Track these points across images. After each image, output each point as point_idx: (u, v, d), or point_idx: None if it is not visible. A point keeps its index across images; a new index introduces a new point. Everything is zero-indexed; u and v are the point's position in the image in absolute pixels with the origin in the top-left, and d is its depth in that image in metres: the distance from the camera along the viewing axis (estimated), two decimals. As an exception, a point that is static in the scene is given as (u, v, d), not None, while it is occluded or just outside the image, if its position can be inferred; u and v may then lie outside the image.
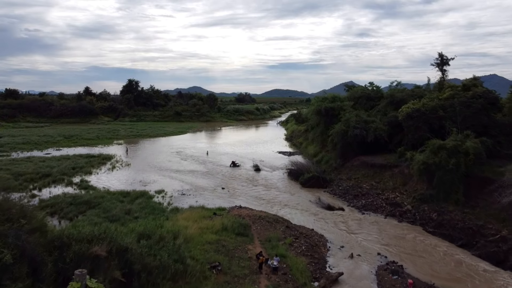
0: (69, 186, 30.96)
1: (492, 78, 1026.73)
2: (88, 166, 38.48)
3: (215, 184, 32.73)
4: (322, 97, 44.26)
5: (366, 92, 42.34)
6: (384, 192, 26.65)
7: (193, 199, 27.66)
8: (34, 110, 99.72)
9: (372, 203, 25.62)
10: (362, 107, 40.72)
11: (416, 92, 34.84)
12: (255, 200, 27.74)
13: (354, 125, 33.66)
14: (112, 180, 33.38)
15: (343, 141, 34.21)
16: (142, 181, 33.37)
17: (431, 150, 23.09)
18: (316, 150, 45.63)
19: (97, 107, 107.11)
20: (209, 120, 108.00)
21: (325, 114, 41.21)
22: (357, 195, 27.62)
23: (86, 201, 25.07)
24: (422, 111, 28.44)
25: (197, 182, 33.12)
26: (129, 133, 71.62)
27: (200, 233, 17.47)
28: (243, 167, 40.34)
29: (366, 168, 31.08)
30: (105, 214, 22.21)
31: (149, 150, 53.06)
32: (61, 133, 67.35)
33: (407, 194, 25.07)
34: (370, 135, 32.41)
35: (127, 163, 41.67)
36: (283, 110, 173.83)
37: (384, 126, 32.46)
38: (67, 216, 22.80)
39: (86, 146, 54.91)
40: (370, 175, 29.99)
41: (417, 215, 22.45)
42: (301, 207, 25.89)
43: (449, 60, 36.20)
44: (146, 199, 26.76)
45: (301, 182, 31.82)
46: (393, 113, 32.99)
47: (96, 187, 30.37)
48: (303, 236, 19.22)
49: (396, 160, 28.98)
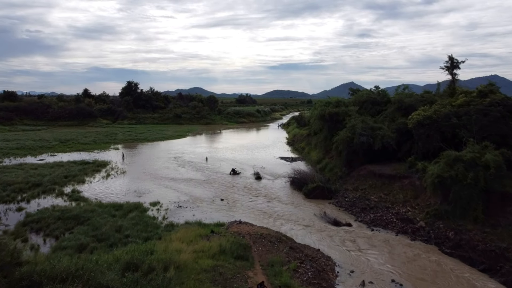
0: (59, 197, 29.31)
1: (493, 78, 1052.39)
2: (81, 174, 36.85)
3: (214, 194, 31.06)
4: (326, 101, 42.51)
5: (371, 96, 40.55)
6: (394, 206, 24.90)
7: (190, 212, 25.98)
8: (32, 113, 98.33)
9: (381, 217, 23.87)
10: (368, 112, 38.98)
11: (426, 98, 32.97)
12: (256, 213, 26.05)
13: (360, 132, 31.91)
14: (106, 190, 31.73)
15: (349, 149, 32.47)
16: (137, 191, 31.71)
17: (446, 162, 21.31)
18: (319, 156, 43.95)
19: (95, 109, 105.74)
20: (209, 123, 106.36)
21: (329, 119, 39.54)
22: (364, 208, 25.89)
23: (75, 216, 23.40)
24: (433, 118, 26.66)
25: (195, 192, 31.44)
26: (127, 136, 70.01)
27: (195, 258, 15.75)
28: (243, 175, 38.66)
29: (373, 178, 29.35)
30: (94, 232, 20.51)
31: (146, 156, 51.41)
32: (57, 137, 65.76)
33: (419, 208, 23.32)
34: (377, 142, 30.66)
35: (123, 170, 40.02)
36: (284, 112, 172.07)
37: (392, 134, 30.70)
38: (53, 233, 21.11)
39: (82, 151, 53.30)
40: (378, 186, 28.25)
41: (432, 233, 20.69)
42: (305, 222, 24.17)
43: (459, 63, 34.44)
44: (140, 213, 25.08)
45: (305, 192, 30.11)
46: (401, 120, 31.20)
47: (87, 199, 28.72)
48: (308, 259, 17.50)
49: (406, 171, 27.23)
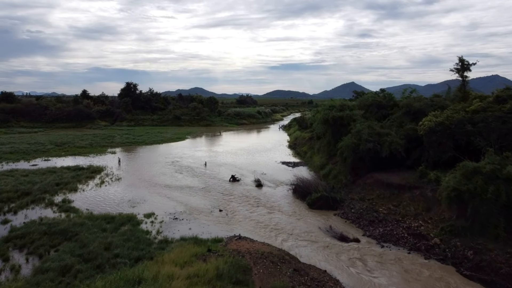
0: (49, 207, 27.73)
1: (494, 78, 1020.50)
2: (74, 181, 35.22)
3: (212, 204, 29.43)
4: (329, 105, 40.83)
5: (377, 99, 38.88)
6: (405, 219, 23.23)
7: (186, 225, 24.34)
8: (29, 115, 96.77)
9: (391, 232, 22.21)
10: (373, 116, 37.35)
11: (436, 102, 31.25)
12: (257, 226, 24.41)
13: (366, 138, 30.26)
14: (98, 199, 30.12)
15: (354, 156, 30.80)
16: (132, 200, 30.09)
17: (463, 174, 19.63)
18: (322, 162, 42.31)
19: (94, 111, 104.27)
20: (209, 125, 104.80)
21: (333, 123, 37.87)
22: (373, 221, 24.23)
23: (62, 231, 21.77)
24: (446, 125, 25.00)
25: (192, 202, 29.81)
26: (124, 140, 68.36)
27: (189, 286, 14.15)
28: (243, 182, 37.03)
29: (381, 188, 27.68)
30: (81, 250, 18.87)
31: (143, 160, 49.79)
32: (53, 140, 64.23)
33: (433, 223, 21.65)
34: (385, 149, 29.00)
35: (118, 177, 38.40)
36: (285, 113, 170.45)
37: (400, 140, 29.06)
38: (37, 251, 19.48)
39: (77, 156, 51.70)
40: (387, 197, 26.58)
41: (448, 251, 19.03)
42: (309, 237, 22.52)
43: (470, 65, 32.77)
44: (133, 226, 23.46)
45: (308, 203, 28.46)
46: (410, 125, 29.54)
47: (78, 209, 27.11)
48: (315, 284, 15.87)
49: (416, 181, 25.58)
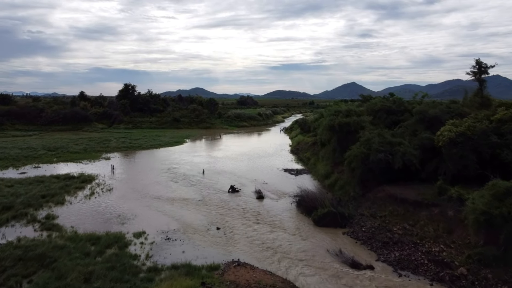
0: (30, 224, 25.38)
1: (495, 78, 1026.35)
2: (61, 193, 32.83)
3: (209, 220, 27.03)
4: (335, 110, 38.37)
5: (386, 104, 36.45)
6: (424, 242, 20.78)
7: (179, 247, 21.93)
8: (24, 117, 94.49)
9: (409, 257, 19.76)
10: (382, 123, 34.93)
11: (453, 108, 28.80)
12: (258, 248, 21.98)
13: (377, 147, 27.83)
14: (86, 215, 27.73)
15: (364, 167, 28.39)
16: (121, 215, 27.70)
17: (493, 195, 17.22)
18: (327, 170, 39.85)
19: (91, 113, 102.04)
20: (208, 127, 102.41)
21: (339, 130, 35.43)
22: (386, 242, 21.78)
23: (39, 256, 19.36)
24: (468, 135, 22.60)
25: (187, 218, 27.40)
26: (120, 144, 65.89)
27: None
28: (243, 193, 34.63)
29: (394, 204, 25.24)
30: (56, 283, 16.47)
31: (137, 167, 47.40)
32: (46, 145, 61.93)
33: (457, 248, 19.21)
34: (398, 160, 26.55)
35: (109, 187, 36.01)
36: (286, 114, 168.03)
37: (414, 150, 26.63)
38: (7, 282, 17.04)
39: (70, 162, 49.36)
40: (401, 214, 24.13)
41: (477, 284, 16.59)
42: (317, 262, 20.09)
43: (488, 67, 30.34)
44: (119, 250, 21.06)
45: (314, 219, 26.03)
46: (425, 134, 27.13)
47: (62, 227, 24.76)
48: (326, 331, 13.46)
49: (434, 197, 23.15)
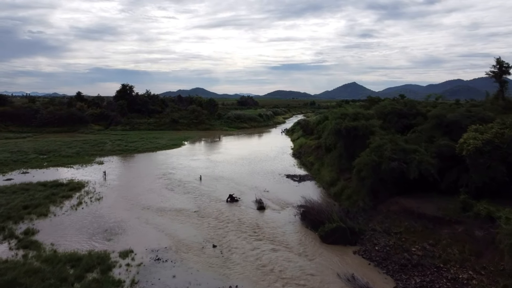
0: (7, 240, 22.89)
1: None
2: (46, 203, 30.33)
3: (205, 235, 24.51)
4: (341, 113, 35.76)
5: (396, 107, 33.84)
6: (448, 266, 18.22)
7: (169, 270, 19.40)
8: (18, 119, 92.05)
9: (432, 285, 17.21)
10: (393, 127, 32.39)
11: (474, 112, 26.21)
12: (258, 272, 19.43)
13: (389, 155, 25.28)
14: (69, 229, 25.22)
15: (375, 176, 25.84)
16: (109, 229, 25.18)
17: (535, 217, 14.71)
18: (333, 176, 37.32)
19: (87, 114, 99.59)
20: (208, 128, 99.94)
21: (346, 134, 32.89)
22: (404, 265, 19.24)
23: (8, 284, 16.87)
24: (496, 143, 20.08)
25: (181, 233, 24.86)
26: (115, 147, 63.32)
27: None
28: (243, 202, 32.11)
29: (410, 219, 22.68)
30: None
31: (131, 173, 44.88)
32: (38, 148, 59.42)
33: (488, 275, 16.66)
34: (413, 170, 23.95)
35: (99, 195, 33.51)
36: (287, 115, 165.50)
37: (431, 159, 24.08)
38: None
39: (60, 167, 46.91)
40: (419, 231, 21.56)
41: (518, 324, 14.08)
42: (326, 290, 17.58)
43: (510, 67, 27.78)
44: (101, 274, 18.53)
45: (321, 235, 23.50)
46: (444, 141, 24.57)
47: (41, 244, 22.27)
48: None
49: (457, 213, 20.60)
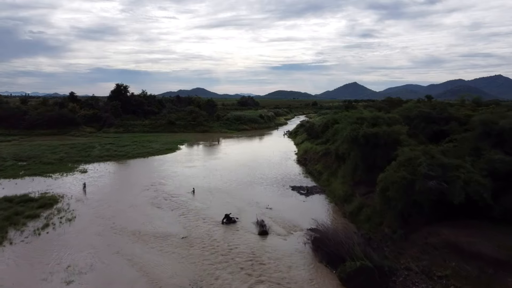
0: None
1: (497, 78, 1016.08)
2: (5, 225, 25.08)
3: (192, 274, 19.24)
4: (358, 116, 30.34)
5: (423, 110, 28.48)
6: None
7: (138, 337, 14.20)
8: (6, 121, 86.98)
9: None
10: (420, 134, 27.10)
11: (535, 118, 21.03)
12: None
13: (425, 171, 19.99)
14: (20, 267, 19.96)
15: (407, 198, 20.53)
16: (71, 267, 19.92)
17: None
18: (346, 190, 32.00)
19: (79, 115, 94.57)
20: (206, 131, 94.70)
21: (365, 143, 27.61)
22: (461, 331, 13.98)
23: None
24: None
25: (162, 272, 19.59)
26: (104, 152, 57.94)
27: None
28: (241, 224, 26.88)
29: (458, 257, 17.37)
30: None
31: (116, 183, 39.60)
32: (18, 154, 54.25)
33: None
34: (458, 192, 18.63)
35: (72, 214, 28.31)
36: (289, 115, 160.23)
37: (482, 178, 18.78)
38: None
39: (38, 176, 41.75)
40: (473, 277, 16.26)
41: None
42: None
43: None
44: None
45: (341, 277, 18.26)
46: (496, 155, 19.29)
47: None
48: None
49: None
